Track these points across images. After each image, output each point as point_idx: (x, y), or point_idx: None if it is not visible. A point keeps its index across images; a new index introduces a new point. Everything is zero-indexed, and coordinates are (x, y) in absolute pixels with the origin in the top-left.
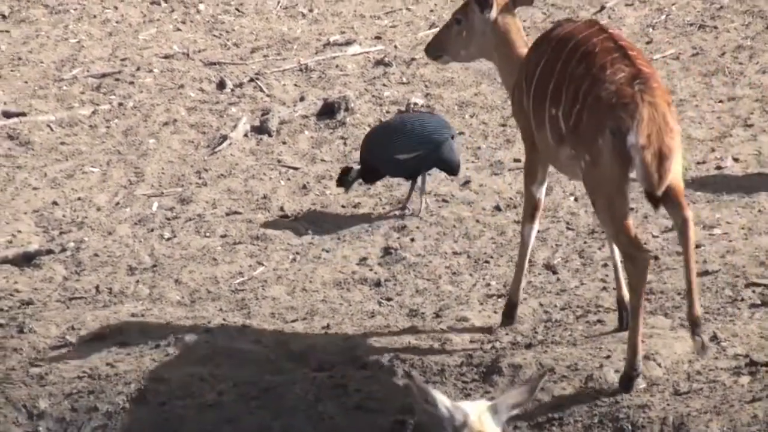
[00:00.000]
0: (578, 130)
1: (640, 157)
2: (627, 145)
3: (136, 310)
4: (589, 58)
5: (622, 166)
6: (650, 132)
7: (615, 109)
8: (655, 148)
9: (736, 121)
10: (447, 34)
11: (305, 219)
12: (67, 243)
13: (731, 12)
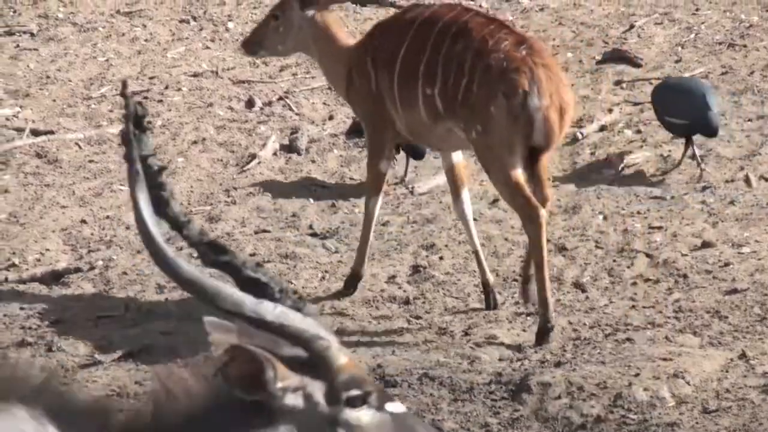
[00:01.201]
0: (467, 103)
1: (543, 116)
2: (529, 107)
3: (165, 328)
4: (465, 35)
5: (517, 128)
6: (551, 91)
7: (508, 74)
8: (557, 105)
9: (765, 140)
10: (264, 30)
11: (334, 237)
12: (95, 261)
13: (760, 30)
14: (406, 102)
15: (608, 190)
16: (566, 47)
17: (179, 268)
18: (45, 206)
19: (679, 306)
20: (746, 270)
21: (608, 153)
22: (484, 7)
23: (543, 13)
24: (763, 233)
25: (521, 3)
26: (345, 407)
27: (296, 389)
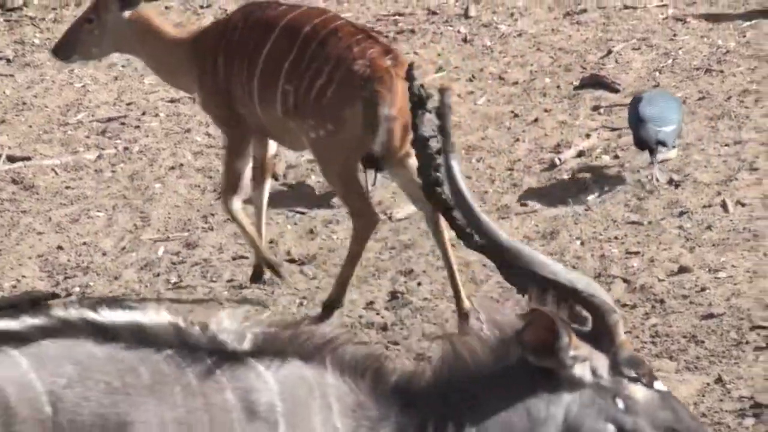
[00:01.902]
0: (320, 103)
1: (388, 127)
2: (379, 115)
3: None
4: (333, 39)
5: (366, 134)
6: (402, 105)
7: (369, 81)
8: (404, 119)
9: (742, 165)
10: (77, 34)
11: (312, 263)
12: (72, 288)
13: (737, 56)
14: (264, 98)
15: (586, 215)
16: (544, 73)
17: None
18: (21, 233)
19: (655, 331)
20: (722, 295)
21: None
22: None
23: (521, 39)
24: (739, 258)
25: (499, 29)
26: (626, 382)
27: (584, 360)
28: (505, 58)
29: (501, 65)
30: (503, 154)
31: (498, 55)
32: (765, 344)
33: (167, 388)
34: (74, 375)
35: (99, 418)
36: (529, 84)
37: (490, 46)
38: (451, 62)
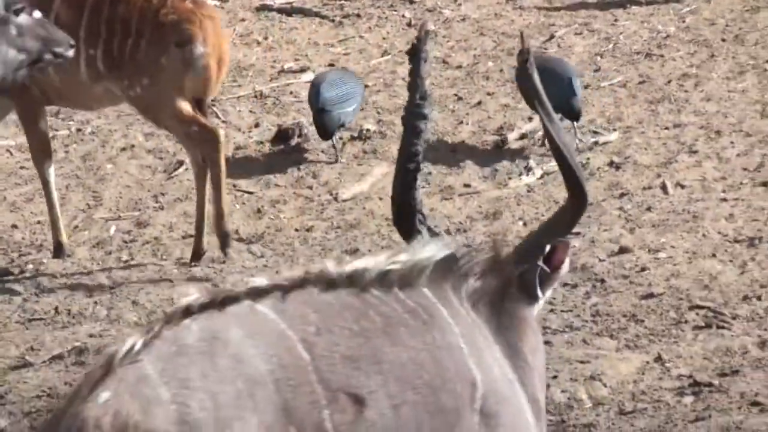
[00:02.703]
0: (134, 59)
1: (204, 64)
2: (194, 53)
3: (95, 330)
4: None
5: (187, 74)
6: (214, 42)
7: (179, 25)
8: (218, 55)
9: (681, 148)
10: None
11: (259, 242)
12: (26, 265)
13: (677, 41)
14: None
15: (528, 196)
16: (487, 57)
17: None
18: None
19: (596, 310)
20: (662, 275)
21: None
22: (407, 16)
23: (465, 23)
24: (678, 239)
25: (443, 13)
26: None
27: None
28: (449, 43)
29: (445, 49)
30: (447, 136)
31: (442, 39)
32: (704, 323)
33: (395, 330)
34: (319, 323)
35: (350, 361)
36: (473, 68)
37: (434, 31)
38: (396, 46)
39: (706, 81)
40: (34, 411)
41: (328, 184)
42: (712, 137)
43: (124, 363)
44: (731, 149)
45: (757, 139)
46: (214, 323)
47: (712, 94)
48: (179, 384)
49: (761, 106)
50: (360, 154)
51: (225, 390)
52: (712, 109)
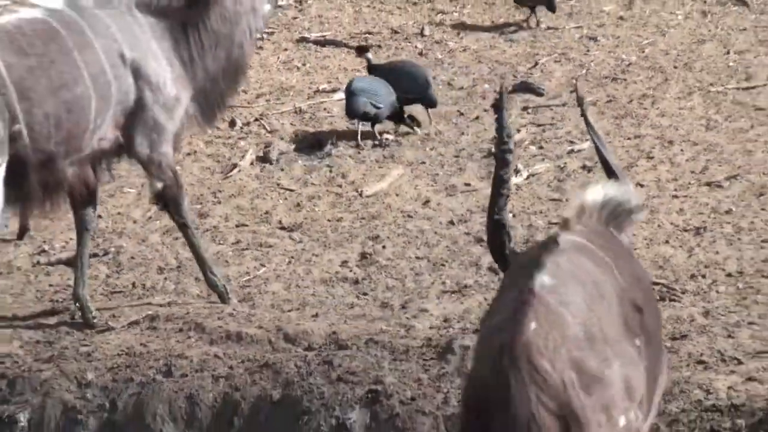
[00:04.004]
0: None
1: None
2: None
3: (164, 301)
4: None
5: None
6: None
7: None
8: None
9: (641, 154)
10: None
11: (299, 230)
12: (109, 248)
13: (637, 68)
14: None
15: (516, 193)
16: (484, 80)
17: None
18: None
19: None
20: None
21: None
22: (418, 47)
23: (465, 53)
24: (638, 228)
25: (448, 45)
26: None
27: None
28: (453, 68)
29: (449, 74)
30: (451, 144)
31: (447, 65)
32: (659, 297)
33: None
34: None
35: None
36: (472, 89)
37: (441, 59)
38: None
39: (661, 100)
40: (115, 366)
41: (354, 183)
42: (665, 146)
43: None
44: (681, 156)
45: (702, 147)
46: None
47: (665, 111)
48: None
49: (705, 120)
50: (380, 158)
51: (599, 308)
52: (665, 123)
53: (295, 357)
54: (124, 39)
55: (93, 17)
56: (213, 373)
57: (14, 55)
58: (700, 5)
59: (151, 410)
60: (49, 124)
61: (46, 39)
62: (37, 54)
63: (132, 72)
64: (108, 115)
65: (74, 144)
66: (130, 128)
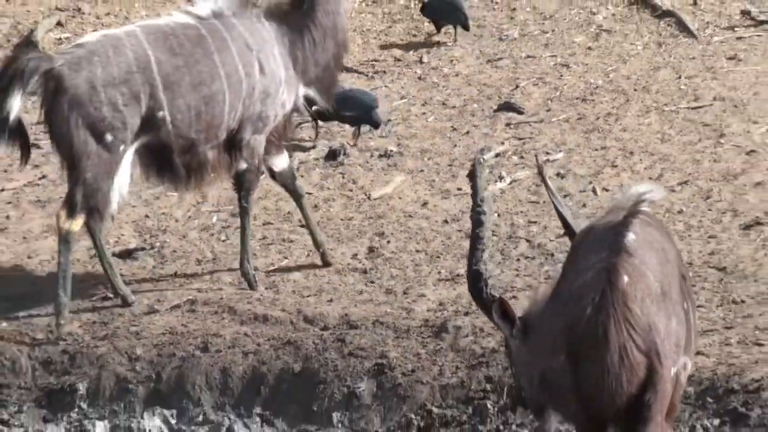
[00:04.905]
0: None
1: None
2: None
3: (202, 288)
4: None
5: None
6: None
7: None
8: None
9: (606, 163)
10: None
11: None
12: (154, 243)
13: (603, 90)
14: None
15: (501, 196)
16: (473, 100)
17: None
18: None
19: (548, 275)
20: None
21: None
22: (418, 72)
23: (458, 77)
24: None
25: (443, 71)
26: None
27: None
28: (447, 90)
29: (444, 95)
30: (445, 155)
31: (442, 88)
32: None
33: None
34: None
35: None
36: (463, 108)
37: (436, 82)
38: (410, 93)
39: (623, 117)
40: (160, 343)
41: (363, 187)
42: (627, 156)
43: (627, 255)
44: (640, 164)
45: (657, 157)
46: (646, 228)
47: (627, 126)
48: (653, 268)
49: (661, 135)
50: (386, 167)
51: (667, 271)
52: (627, 137)
53: (313, 335)
54: (254, 43)
55: (231, 24)
56: (243, 349)
57: (165, 52)
58: (656, 37)
59: (190, 381)
60: (190, 115)
61: (194, 42)
62: (185, 54)
63: (257, 71)
64: (238, 107)
65: (212, 132)
66: (242, 117)
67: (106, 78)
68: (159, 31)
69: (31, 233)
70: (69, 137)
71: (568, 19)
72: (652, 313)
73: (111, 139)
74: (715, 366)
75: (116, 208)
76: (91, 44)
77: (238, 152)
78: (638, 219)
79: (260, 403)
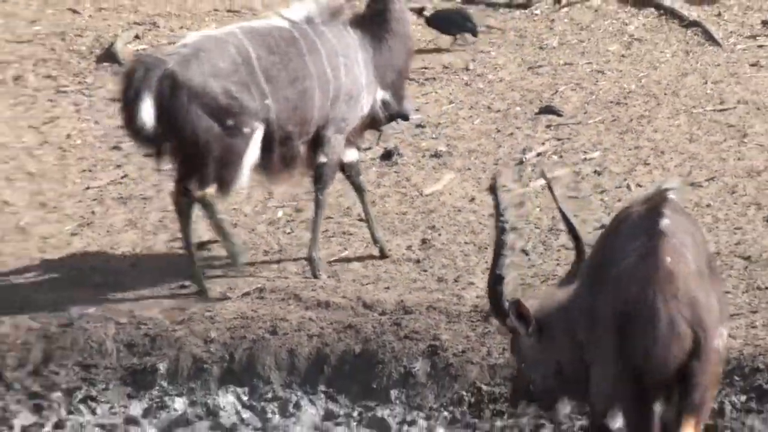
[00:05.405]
0: None
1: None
2: None
3: (269, 277)
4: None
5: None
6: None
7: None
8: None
9: (639, 161)
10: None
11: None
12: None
13: (636, 94)
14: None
15: (542, 192)
16: (516, 104)
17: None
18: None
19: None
20: None
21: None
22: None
23: (501, 83)
24: None
25: (488, 77)
26: None
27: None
28: (492, 95)
29: (489, 99)
30: (491, 155)
31: (487, 93)
32: None
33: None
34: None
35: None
36: (507, 111)
37: (482, 88)
38: (458, 98)
39: (655, 119)
40: (233, 327)
41: (416, 185)
42: (658, 155)
43: (667, 237)
44: (671, 162)
45: (686, 156)
46: (676, 214)
47: (658, 128)
48: (688, 249)
49: (689, 135)
50: (437, 166)
51: (699, 252)
52: (658, 137)
53: (372, 320)
54: (340, 48)
55: (320, 31)
56: (308, 332)
57: (263, 49)
58: (683, 46)
59: (261, 361)
60: (288, 107)
61: (288, 43)
62: (280, 53)
63: (343, 74)
64: (326, 106)
65: (305, 128)
66: (327, 116)
67: (215, 70)
68: (256, 31)
69: (114, 227)
70: (192, 126)
71: (603, 30)
72: (693, 288)
73: (233, 123)
74: (741, 347)
75: (243, 185)
76: (194, 43)
77: (320, 149)
78: (668, 207)
79: (324, 381)
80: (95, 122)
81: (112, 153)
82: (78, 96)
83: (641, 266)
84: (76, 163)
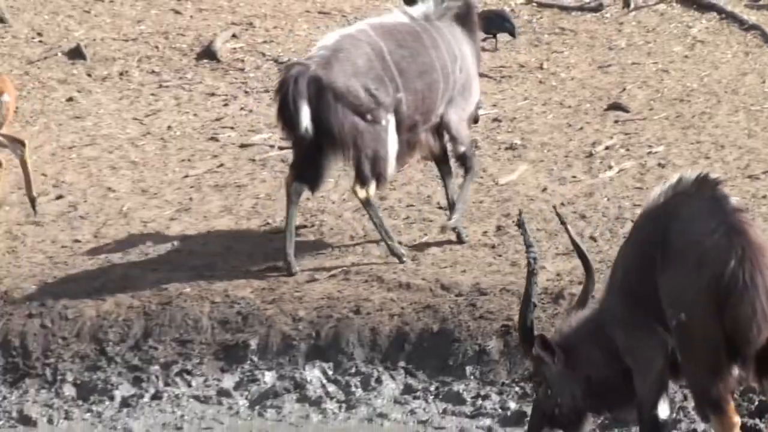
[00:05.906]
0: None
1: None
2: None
3: (354, 261)
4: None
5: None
6: (10, 91)
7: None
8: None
9: (701, 155)
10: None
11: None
12: (314, 221)
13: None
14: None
15: (610, 183)
16: (586, 101)
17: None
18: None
19: None
20: None
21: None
22: (539, 77)
23: (573, 81)
24: None
25: (560, 75)
26: None
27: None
28: (564, 92)
29: (561, 96)
30: (562, 147)
31: (560, 90)
32: None
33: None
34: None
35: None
36: (578, 107)
37: (555, 85)
38: (532, 94)
39: (715, 116)
40: (319, 307)
41: (492, 175)
42: (719, 149)
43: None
44: (730, 156)
45: (745, 150)
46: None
47: (719, 124)
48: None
49: (747, 131)
50: (511, 158)
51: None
52: (719, 133)
53: (449, 301)
54: (454, 43)
55: (436, 26)
56: (389, 312)
57: (393, 44)
58: (743, 47)
59: (345, 338)
60: (417, 98)
61: (414, 37)
62: (408, 47)
63: (459, 67)
64: (447, 96)
65: (428, 116)
66: (447, 106)
67: (354, 69)
68: (384, 27)
69: (210, 213)
70: (341, 124)
71: (668, 32)
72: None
73: (372, 118)
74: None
75: (393, 173)
76: (332, 45)
77: (450, 139)
78: (724, 188)
79: (404, 358)
80: (194, 114)
81: (209, 144)
82: (178, 90)
83: (728, 244)
84: (176, 153)
